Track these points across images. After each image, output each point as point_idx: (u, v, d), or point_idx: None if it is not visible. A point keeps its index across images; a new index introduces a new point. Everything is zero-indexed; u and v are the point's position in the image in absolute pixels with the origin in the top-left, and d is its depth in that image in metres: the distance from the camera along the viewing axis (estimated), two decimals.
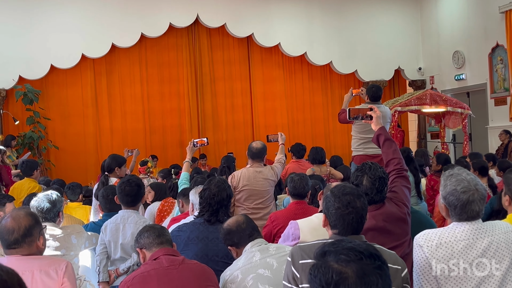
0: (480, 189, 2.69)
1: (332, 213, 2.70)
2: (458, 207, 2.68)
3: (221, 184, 3.95)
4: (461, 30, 12.80)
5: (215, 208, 3.85)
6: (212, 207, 3.84)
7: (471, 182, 2.68)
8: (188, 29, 13.11)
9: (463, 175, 2.72)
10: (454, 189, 2.68)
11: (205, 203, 3.87)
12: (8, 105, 11.90)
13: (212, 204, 3.84)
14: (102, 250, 4.33)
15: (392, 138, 3.85)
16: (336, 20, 13.69)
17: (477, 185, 2.69)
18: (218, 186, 3.93)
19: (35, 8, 11.74)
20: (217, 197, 3.86)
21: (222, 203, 3.89)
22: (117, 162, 6.01)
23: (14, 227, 3.00)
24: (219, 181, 4.00)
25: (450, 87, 13.23)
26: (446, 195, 2.71)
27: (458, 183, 2.68)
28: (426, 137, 13.92)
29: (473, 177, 2.72)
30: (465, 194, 2.66)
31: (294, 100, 14.09)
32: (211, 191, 3.88)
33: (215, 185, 3.93)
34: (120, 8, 12.22)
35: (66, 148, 12.28)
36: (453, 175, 2.74)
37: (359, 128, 6.95)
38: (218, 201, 3.86)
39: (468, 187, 2.67)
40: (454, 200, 2.68)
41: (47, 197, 3.98)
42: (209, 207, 3.84)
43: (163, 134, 13.14)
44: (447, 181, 2.73)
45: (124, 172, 6.06)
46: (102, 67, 12.69)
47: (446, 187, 2.72)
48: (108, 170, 5.98)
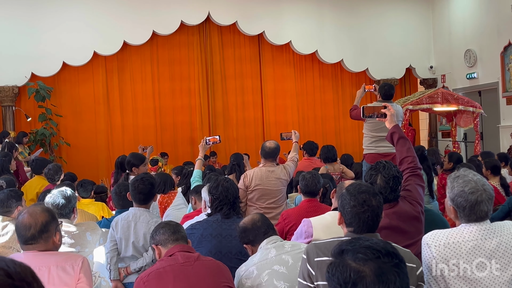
0: (488, 189, 2.69)
1: (348, 211, 2.71)
2: (467, 208, 2.67)
3: (229, 180, 4.06)
4: (473, 29, 12.74)
5: (231, 201, 3.91)
6: (229, 200, 3.90)
7: (478, 183, 2.68)
8: (199, 27, 13.14)
9: (470, 175, 2.72)
10: (462, 190, 2.68)
11: (221, 197, 3.91)
12: (21, 102, 11.98)
13: (228, 197, 3.90)
14: (112, 247, 4.35)
15: (406, 137, 3.84)
16: (347, 18, 13.67)
17: (484, 185, 2.69)
18: (227, 181, 4.02)
19: (48, 5, 11.81)
20: (230, 189, 3.93)
21: (236, 196, 3.99)
22: (138, 159, 6.04)
23: (31, 223, 3.02)
24: (226, 179, 4.11)
25: (461, 86, 13.18)
26: (454, 197, 2.71)
27: (465, 184, 2.68)
28: (437, 136, 13.88)
29: (479, 177, 2.72)
30: (473, 194, 2.65)
31: (305, 98, 14.09)
32: (224, 186, 3.93)
33: (224, 180, 4.00)
34: (132, 5, 12.27)
35: (77, 144, 12.34)
36: (459, 176, 2.73)
37: (371, 127, 6.95)
38: (232, 194, 3.93)
39: (475, 188, 2.66)
40: (462, 201, 2.68)
41: (61, 193, 4.01)
42: (226, 200, 3.90)
43: (174, 131, 13.18)
44: (454, 183, 2.73)
45: (145, 170, 6.09)
46: (114, 65, 12.74)
47: (453, 188, 2.72)
48: (129, 168, 6.01)
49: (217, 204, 3.94)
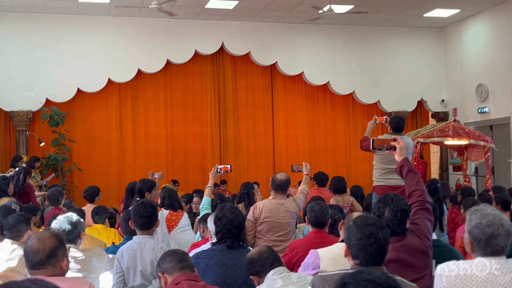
0: (506, 224, 2.68)
1: (354, 243, 2.71)
2: (483, 240, 2.67)
3: (234, 210, 4.03)
4: (485, 63, 12.78)
5: (235, 233, 3.89)
6: (232, 233, 3.88)
7: (496, 217, 2.68)
8: (213, 56, 13.28)
9: (488, 210, 2.72)
10: (479, 222, 2.68)
11: (224, 230, 3.91)
12: (34, 127, 12.10)
13: (232, 230, 3.89)
14: (118, 279, 4.30)
15: (415, 170, 3.84)
16: (360, 50, 13.76)
17: (502, 220, 2.69)
18: (232, 212, 3.98)
19: (64, 32, 12.02)
20: (235, 222, 3.92)
21: (240, 227, 3.94)
22: (147, 186, 6.05)
23: (39, 248, 3.04)
24: (232, 207, 4.07)
25: (473, 120, 13.16)
26: (471, 229, 2.71)
27: (483, 217, 2.68)
28: (448, 169, 13.82)
29: (498, 212, 2.72)
30: (490, 227, 2.65)
31: (316, 128, 14.12)
32: (228, 218, 3.92)
33: (229, 211, 3.98)
34: (147, 34, 12.46)
35: (89, 170, 12.41)
36: (478, 210, 2.74)
37: (381, 159, 6.95)
38: (236, 225, 3.91)
39: (493, 221, 2.66)
40: (478, 234, 2.67)
41: (67, 219, 4.03)
42: (230, 233, 3.89)
43: (185, 159, 13.24)
44: (472, 216, 2.73)
45: (155, 196, 6.09)
46: (128, 92, 12.88)
47: (471, 221, 2.72)
48: (139, 194, 6.02)
49: (221, 236, 3.93)
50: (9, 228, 4.61)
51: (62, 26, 12.01)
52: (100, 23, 12.25)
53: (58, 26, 11.99)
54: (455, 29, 13.79)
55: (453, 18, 13.30)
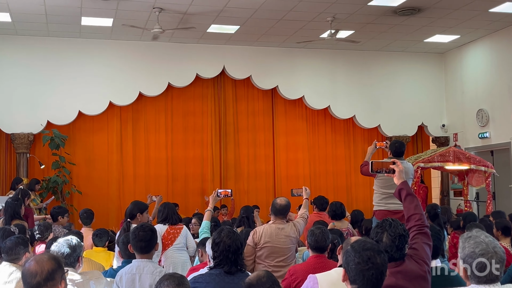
0: (499, 252, 2.68)
1: (352, 268, 2.70)
2: (477, 268, 2.66)
3: (232, 235, 3.96)
4: (485, 88, 12.83)
5: (232, 259, 3.86)
6: (229, 259, 3.85)
7: (489, 244, 2.67)
8: (214, 80, 13.36)
9: (482, 237, 2.72)
10: (473, 251, 2.68)
11: (221, 256, 3.87)
12: (35, 149, 12.12)
13: (229, 256, 3.85)
14: None
15: (414, 194, 3.83)
16: (360, 75, 13.83)
17: (495, 247, 2.68)
18: (229, 237, 3.93)
19: (66, 55, 12.12)
20: (232, 247, 3.88)
21: (238, 252, 3.90)
22: (139, 208, 6.04)
23: (37, 271, 3.02)
24: (230, 231, 4.01)
25: (473, 145, 13.17)
26: (465, 257, 2.71)
27: (476, 245, 2.68)
28: (449, 194, 13.80)
29: (491, 239, 2.71)
30: (483, 256, 2.65)
31: (317, 152, 14.13)
32: (225, 243, 3.88)
33: (227, 236, 3.93)
34: (148, 58, 12.56)
35: (89, 192, 12.40)
36: (471, 237, 2.73)
37: (381, 183, 6.94)
38: (234, 251, 3.87)
39: (486, 249, 2.66)
40: (472, 261, 2.67)
41: (67, 242, 4.02)
42: (227, 259, 3.85)
43: (185, 182, 13.23)
44: (465, 243, 2.73)
45: (147, 218, 6.08)
46: (129, 115, 12.93)
47: (464, 249, 2.72)
48: (130, 216, 6.01)
49: (218, 261, 3.91)
50: (7, 251, 4.61)
51: (64, 49, 12.11)
52: (102, 47, 12.35)
53: (60, 49, 12.09)
54: (455, 54, 13.88)
55: (453, 43, 13.40)
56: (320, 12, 10.74)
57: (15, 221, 7.14)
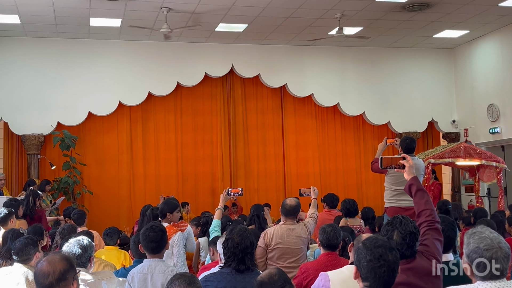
0: (504, 247, 2.67)
1: (364, 265, 2.70)
2: (482, 264, 2.65)
3: (243, 232, 3.98)
4: (496, 84, 12.75)
5: (240, 256, 3.87)
6: (237, 256, 3.87)
7: (494, 240, 2.66)
8: (222, 78, 13.37)
9: (486, 233, 2.71)
10: (477, 246, 2.67)
11: (229, 252, 3.90)
12: (46, 150, 12.19)
13: (236, 253, 3.87)
14: None
15: (425, 189, 3.80)
16: (369, 72, 13.79)
17: (500, 243, 2.67)
18: (240, 234, 3.95)
19: (75, 56, 12.17)
20: (240, 245, 3.89)
21: (246, 251, 3.91)
22: (169, 208, 6.03)
23: (50, 271, 3.03)
24: (241, 229, 4.03)
25: (484, 140, 13.09)
26: (469, 253, 2.70)
27: (481, 241, 2.67)
28: (460, 190, 13.73)
29: (496, 235, 2.70)
30: (488, 251, 2.64)
31: (327, 150, 14.10)
32: (234, 241, 3.91)
33: (237, 234, 3.96)
34: (157, 58, 12.58)
35: (100, 193, 12.46)
36: (475, 233, 2.72)
37: (392, 180, 6.92)
38: (242, 249, 3.89)
39: (491, 245, 2.65)
40: (476, 257, 2.66)
41: (78, 243, 4.04)
42: (234, 256, 3.87)
43: (195, 181, 13.25)
44: (470, 239, 2.72)
45: (177, 217, 6.06)
46: (138, 115, 12.97)
47: (469, 245, 2.71)
48: (161, 215, 6.00)
49: (227, 258, 3.93)
50: (18, 252, 4.63)
51: (73, 50, 12.16)
52: (111, 47, 12.39)
53: (69, 50, 12.13)
54: (464, 49, 13.80)
55: (462, 38, 13.32)
56: (328, 9, 10.71)
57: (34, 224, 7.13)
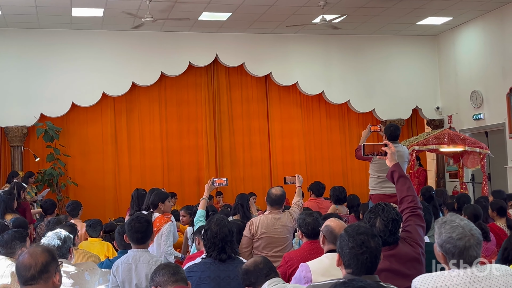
0: (475, 234, 2.68)
1: (346, 252, 2.71)
2: (456, 254, 2.67)
3: (220, 221, 4.01)
4: (479, 70, 12.82)
5: (220, 246, 3.89)
6: (217, 246, 3.89)
7: (465, 228, 2.67)
8: (207, 68, 13.31)
9: (457, 220, 2.72)
10: (450, 236, 2.67)
11: (209, 243, 3.92)
12: (29, 142, 12.09)
13: (216, 243, 3.89)
14: None
15: (407, 175, 3.82)
16: (354, 60, 13.80)
17: (471, 230, 2.68)
18: (218, 224, 3.97)
19: (57, 47, 12.05)
20: (219, 235, 3.92)
21: (226, 239, 3.93)
22: (159, 198, 6.02)
23: (31, 263, 3.02)
24: (218, 218, 4.06)
25: (468, 126, 13.18)
26: (442, 243, 2.70)
27: (453, 230, 2.68)
28: (444, 176, 13.82)
29: (466, 222, 2.71)
30: (461, 240, 2.65)
31: (312, 138, 14.12)
32: (213, 231, 3.93)
33: (215, 223, 3.98)
34: (140, 47, 12.49)
35: (85, 184, 12.40)
36: (446, 222, 2.73)
37: (377, 167, 6.94)
38: (221, 238, 3.91)
39: (463, 233, 2.66)
40: (450, 247, 2.67)
41: (56, 235, 4.05)
42: (215, 246, 3.89)
43: (180, 172, 13.22)
44: (441, 229, 2.72)
45: (169, 207, 6.06)
46: (122, 105, 12.89)
47: (441, 234, 2.71)
48: (152, 206, 5.98)
49: (207, 249, 3.94)
50: (3, 245, 4.62)
51: (55, 41, 12.03)
52: (94, 37, 12.28)
53: (51, 41, 12.01)
54: (448, 36, 13.85)
55: (446, 25, 13.37)
56: None
57: (8, 215, 7.12)
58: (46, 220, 6.92)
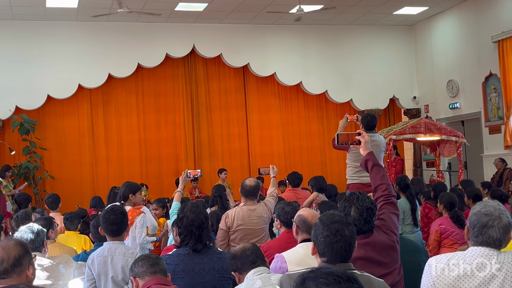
0: (504, 218, 2.68)
1: (321, 240, 2.71)
2: (477, 227, 2.69)
3: (195, 208, 3.95)
4: (455, 60, 12.93)
5: (197, 233, 3.84)
6: (194, 234, 3.83)
7: (496, 209, 2.70)
8: (184, 59, 13.24)
9: (491, 202, 2.76)
10: (479, 210, 2.71)
11: (186, 231, 3.85)
12: (5, 135, 11.94)
13: (193, 231, 3.83)
14: (90, 286, 4.22)
15: (380, 164, 3.83)
16: (331, 50, 13.83)
17: (502, 214, 2.69)
18: (193, 211, 3.91)
19: (32, 39, 11.89)
20: (196, 222, 3.85)
21: (202, 226, 3.88)
22: (131, 189, 5.96)
23: (4, 257, 2.99)
24: (193, 205, 4.00)
25: (444, 115, 13.30)
26: (471, 215, 2.75)
27: (484, 206, 2.72)
28: (422, 165, 13.95)
29: (501, 207, 2.72)
30: (486, 216, 2.67)
31: (290, 129, 14.16)
32: (189, 218, 3.86)
33: (190, 210, 3.92)
34: (116, 38, 12.38)
35: (62, 177, 12.28)
36: (483, 201, 2.79)
37: (354, 157, 6.96)
38: (198, 225, 3.85)
39: (492, 212, 2.68)
40: (474, 220, 2.70)
41: (29, 228, 4.00)
42: (191, 234, 3.83)
43: (159, 164, 13.17)
44: (476, 205, 2.77)
45: (140, 199, 5.99)
46: (99, 97, 12.78)
47: (474, 209, 2.76)
48: (123, 198, 5.93)
49: (183, 237, 3.89)
50: None
51: (30, 33, 11.87)
52: (69, 29, 12.14)
53: (26, 32, 11.85)
54: (424, 26, 13.94)
55: (422, 15, 13.45)
56: None
57: None
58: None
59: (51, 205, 7.46)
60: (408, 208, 6.82)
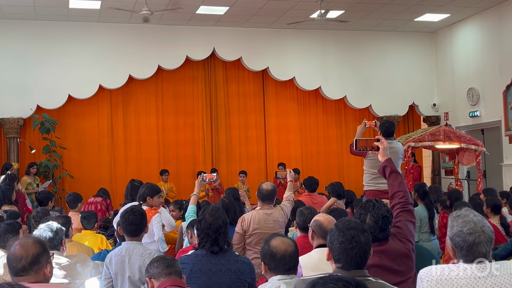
0: (487, 231, 2.67)
1: (336, 247, 2.72)
2: (464, 248, 2.67)
3: (215, 212, 3.98)
4: (476, 67, 12.83)
5: (213, 237, 3.87)
6: (210, 237, 3.86)
7: (477, 224, 2.67)
8: (204, 62, 13.30)
9: (470, 216, 2.71)
10: (460, 230, 2.67)
11: (203, 233, 3.89)
12: (25, 134, 12.08)
13: (210, 234, 3.86)
14: (107, 285, 4.27)
15: (398, 171, 3.81)
16: (351, 55, 13.79)
17: (483, 226, 2.67)
18: (212, 214, 3.95)
19: (54, 39, 12.04)
20: (213, 225, 3.89)
21: (220, 231, 3.90)
22: (149, 192, 6.00)
23: (22, 255, 3.02)
24: (213, 209, 4.03)
25: (464, 123, 13.20)
26: (453, 236, 2.71)
27: (464, 224, 2.68)
28: (440, 173, 13.85)
29: (480, 218, 2.70)
30: (471, 235, 2.64)
31: (308, 133, 14.14)
32: (207, 221, 3.90)
33: (209, 214, 3.96)
34: (138, 40, 12.48)
35: (80, 177, 12.38)
36: (460, 216, 2.73)
37: (371, 163, 6.94)
38: (215, 229, 3.88)
39: (474, 229, 2.65)
40: (460, 242, 2.67)
41: (48, 227, 4.04)
42: (208, 237, 3.87)
43: (176, 165, 13.22)
44: (453, 222, 2.73)
45: (158, 202, 6.02)
46: (119, 98, 12.88)
47: (452, 227, 2.72)
48: (141, 199, 5.98)
49: (200, 240, 3.92)
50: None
51: (52, 33, 12.01)
52: (91, 30, 12.25)
53: (48, 33, 11.99)
54: (445, 33, 13.85)
55: (443, 22, 13.37)
56: None
57: (5, 206, 7.13)
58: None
59: (71, 203, 7.52)
60: (425, 215, 6.76)
